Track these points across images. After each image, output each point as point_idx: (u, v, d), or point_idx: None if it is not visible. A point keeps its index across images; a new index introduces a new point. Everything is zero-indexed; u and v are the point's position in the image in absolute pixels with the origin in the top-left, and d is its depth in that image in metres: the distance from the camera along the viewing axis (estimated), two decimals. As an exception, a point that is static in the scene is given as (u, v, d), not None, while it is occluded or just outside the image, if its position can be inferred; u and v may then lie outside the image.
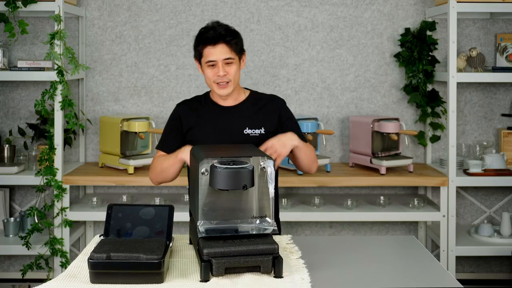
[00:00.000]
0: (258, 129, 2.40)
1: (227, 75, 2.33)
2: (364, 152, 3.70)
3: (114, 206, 1.93)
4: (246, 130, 2.40)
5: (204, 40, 2.33)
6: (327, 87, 3.98)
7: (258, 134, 2.39)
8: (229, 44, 2.32)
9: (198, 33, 2.39)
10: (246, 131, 2.40)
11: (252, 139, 2.38)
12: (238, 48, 2.36)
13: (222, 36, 2.31)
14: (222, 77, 2.33)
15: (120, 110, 3.98)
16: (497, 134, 4.01)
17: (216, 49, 2.31)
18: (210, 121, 2.43)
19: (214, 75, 2.34)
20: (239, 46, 2.37)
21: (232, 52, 2.33)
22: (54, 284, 1.70)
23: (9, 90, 3.97)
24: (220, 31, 2.32)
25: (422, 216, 3.62)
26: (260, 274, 1.76)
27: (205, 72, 2.37)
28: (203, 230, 1.80)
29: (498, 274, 4.01)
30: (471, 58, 3.76)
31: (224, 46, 2.31)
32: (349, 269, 1.90)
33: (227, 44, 2.31)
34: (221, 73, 2.32)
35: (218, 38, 2.30)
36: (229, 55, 2.32)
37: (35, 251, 3.49)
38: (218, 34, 2.31)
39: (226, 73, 2.33)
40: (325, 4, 3.96)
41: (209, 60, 2.32)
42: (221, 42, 2.31)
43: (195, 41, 2.38)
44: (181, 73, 3.97)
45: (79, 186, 3.93)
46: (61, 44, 3.44)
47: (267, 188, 1.84)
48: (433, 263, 1.94)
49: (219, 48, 2.31)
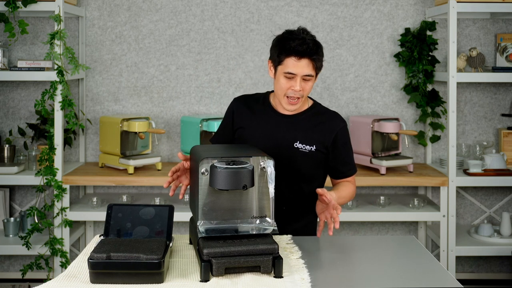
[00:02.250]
0: (309, 145, 2.29)
1: (302, 91, 2.21)
2: (364, 152, 3.70)
3: (114, 206, 1.92)
4: (296, 144, 2.29)
5: (290, 50, 2.18)
6: (327, 87, 3.98)
7: (308, 151, 2.28)
8: (314, 61, 2.19)
9: (282, 37, 2.24)
10: (296, 145, 2.28)
11: (301, 154, 2.28)
12: (319, 65, 2.23)
13: (309, 52, 2.18)
14: (297, 92, 2.21)
15: (120, 110, 3.98)
16: (497, 134, 4.01)
17: (300, 63, 2.18)
18: (261, 125, 2.32)
19: (288, 88, 2.21)
20: (321, 63, 2.24)
21: (313, 69, 2.21)
22: (54, 284, 1.70)
23: (9, 90, 3.97)
24: (309, 44, 2.18)
25: (422, 216, 3.62)
26: (260, 274, 1.76)
27: (279, 80, 2.23)
28: (203, 230, 1.80)
29: (498, 274, 4.01)
30: (471, 58, 3.76)
31: (309, 62, 2.18)
32: (349, 269, 1.90)
33: (312, 60, 2.19)
34: (298, 88, 2.20)
35: (305, 53, 2.17)
36: (311, 72, 2.20)
37: (35, 251, 3.49)
38: (306, 49, 2.17)
39: (302, 89, 2.21)
40: (325, 4, 3.96)
41: (289, 72, 2.19)
42: (307, 58, 2.18)
43: (278, 46, 2.23)
44: (181, 73, 3.97)
45: (79, 186, 3.93)
46: (61, 44, 3.44)
47: (267, 188, 1.84)
48: (433, 263, 1.94)
49: (304, 63, 2.18)
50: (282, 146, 2.28)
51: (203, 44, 3.96)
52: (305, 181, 2.33)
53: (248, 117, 2.36)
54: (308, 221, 2.40)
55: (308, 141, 2.29)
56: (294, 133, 2.30)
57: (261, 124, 2.33)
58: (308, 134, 2.30)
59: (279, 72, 2.23)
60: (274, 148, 2.24)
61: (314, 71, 2.21)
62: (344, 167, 2.37)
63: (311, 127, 2.31)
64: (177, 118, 3.97)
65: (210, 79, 3.97)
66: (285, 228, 2.30)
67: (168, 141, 3.99)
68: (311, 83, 2.23)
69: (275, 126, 2.31)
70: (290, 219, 2.34)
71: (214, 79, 3.97)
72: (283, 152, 2.26)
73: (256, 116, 2.35)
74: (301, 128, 2.31)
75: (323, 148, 2.31)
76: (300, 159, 2.29)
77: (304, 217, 2.38)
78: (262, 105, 2.37)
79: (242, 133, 2.35)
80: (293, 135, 2.29)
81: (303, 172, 2.31)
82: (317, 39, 2.25)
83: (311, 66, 2.19)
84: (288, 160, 2.27)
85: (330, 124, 2.33)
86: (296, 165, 2.29)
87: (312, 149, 2.29)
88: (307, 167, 2.30)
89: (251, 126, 2.34)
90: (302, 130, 2.30)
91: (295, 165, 2.29)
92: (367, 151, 3.67)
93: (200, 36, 3.96)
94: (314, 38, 2.22)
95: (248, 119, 2.36)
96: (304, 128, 2.30)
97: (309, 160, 2.29)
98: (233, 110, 2.40)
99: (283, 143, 2.29)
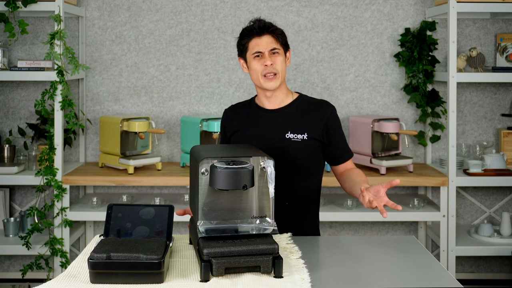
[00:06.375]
0: (300, 134, 2.32)
1: (274, 65, 2.29)
2: (364, 152, 3.70)
3: (114, 206, 1.92)
4: (288, 135, 2.33)
5: (250, 32, 2.31)
6: (327, 87, 3.98)
7: (300, 140, 2.32)
8: (275, 34, 2.31)
9: (241, 31, 2.37)
10: (288, 135, 2.32)
11: (293, 144, 2.32)
12: (284, 40, 2.34)
13: (267, 27, 2.30)
14: (269, 68, 2.28)
15: (120, 110, 3.98)
16: (497, 134, 4.01)
17: (262, 40, 2.29)
18: (252, 125, 2.38)
19: (261, 66, 2.29)
20: (284, 39, 2.35)
21: (277, 43, 2.31)
22: (54, 284, 1.70)
23: (9, 90, 3.97)
24: (264, 23, 2.32)
25: (422, 216, 3.62)
26: (260, 274, 1.76)
27: (251, 66, 2.33)
28: (203, 230, 1.80)
29: (498, 274, 4.01)
30: (471, 58, 3.76)
31: (270, 37, 2.30)
32: (349, 269, 1.90)
33: (272, 34, 2.30)
34: (268, 62, 2.28)
35: (263, 29, 2.30)
36: (275, 45, 2.30)
37: (35, 251, 3.49)
38: (263, 26, 2.30)
39: (273, 63, 2.29)
40: (325, 4, 3.96)
41: (255, 51, 2.29)
42: (267, 33, 2.30)
43: (240, 38, 2.36)
44: (181, 73, 3.97)
45: (79, 186, 3.93)
46: (61, 44, 3.44)
47: (267, 188, 1.84)
48: (433, 263, 1.94)
49: (265, 38, 2.29)
50: (274, 139, 2.32)
51: (203, 44, 3.96)
52: (302, 173, 2.34)
53: (238, 122, 2.42)
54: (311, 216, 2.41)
55: (298, 130, 2.33)
56: (284, 124, 2.34)
57: (251, 124, 2.39)
58: (298, 123, 2.34)
59: (249, 58, 2.32)
60: (267, 143, 2.29)
61: (279, 45, 2.31)
62: (340, 151, 2.40)
63: (300, 116, 2.36)
64: (177, 118, 3.97)
65: (210, 79, 3.97)
66: (289, 224, 2.32)
67: (168, 141, 3.99)
68: (281, 57, 2.31)
69: (265, 122, 2.37)
70: (293, 214, 2.35)
71: (214, 79, 3.97)
72: (276, 145, 2.30)
73: (246, 118, 2.41)
74: (289, 118, 2.35)
75: (316, 135, 2.34)
76: (294, 149, 2.31)
77: (306, 211, 2.39)
78: (249, 107, 2.44)
79: (237, 136, 2.41)
80: (283, 127, 2.34)
81: (299, 164, 2.32)
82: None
83: (274, 39, 2.30)
84: (283, 152, 2.31)
85: (319, 111, 2.37)
86: (291, 156, 2.31)
87: (304, 137, 2.32)
88: (302, 158, 2.32)
89: (244, 128, 2.40)
90: (291, 120, 2.35)
91: (290, 156, 2.31)
92: (367, 151, 3.67)
93: (200, 36, 3.96)
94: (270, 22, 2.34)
95: (239, 123, 2.42)
96: (292, 119, 2.35)
97: (303, 149, 2.31)
98: (224, 121, 2.49)
99: (275, 136, 2.33)
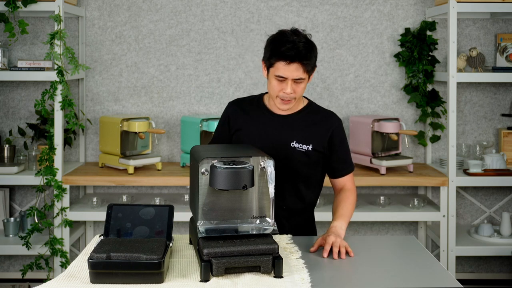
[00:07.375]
0: (305, 144, 2.29)
1: (294, 93, 2.22)
2: (364, 152, 3.70)
3: (114, 206, 1.92)
4: (293, 143, 2.29)
5: (280, 54, 2.17)
6: (327, 87, 3.98)
7: (305, 150, 2.29)
8: (304, 65, 2.17)
9: (274, 38, 2.23)
10: (293, 144, 2.29)
11: (298, 153, 2.29)
12: (311, 67, 2.21)
13: (299, 56, 2.16)
14: (288, 95, 2.21)
15: (120, 110, 3.98)
16: (497, 134, 4.01)
17: (289, 68, 2.17)
18: (258, 126, 2.33)
19: (280, 90, 2.22)
20: (312, 65, 2.22)
21: (304, 72, 2.19)
22: (54, 284, 1.70)
23: (9, 90, 3.97)
24: (299, 48, 2.16)
25: (422, 216, 3.62)
26: (260, 274, 1.76)
27: (271, 82, 2.24)
28: (203, 230, 1.80)
29: (498, 274, 4.01)
30: (471, 58, 3.76)
31: (299, 66, 2.17)
32: (349, 269, 1.90)
33: (302, 65, 2.17)
34: (289, 90, 2.20)
35: (295, 58, 2.15)
36: (302, 75, 2.19)
37: (35, 251, 3.49)
38: (296, 54, 2.15)
39: (293, 92, 2.21)
40: (325, 4, 3.96)
41: (279, 75, 2.19)
42: (297, 62, 2.16)
43: (269, 48, 2.22)
44: (181, 73, 3.97)
45: (79, 186, 3.93)
46: (61, 44, 3.44)
47: (267, 188, 1.84)
48: (433, 263, 1.94)
49: (293, 67, 2.17)
50: (279, 146, 2.29)
51: (203, 44, 3.96)
52: (302, 180, 2.34)
53: (243, 120, 2.37)
54: (307, 217, 2.42)
55: (304, 141, 2.30)
56: (291, 133, 2.31)
57: (257, 125, 2.34)
58: (304, 133, 2.31)
59: (271, 74, 2.23)
60: (271, 148, 2.25)
61: (305, 74, 2.20)
62: (341, 165, 2.38)
63: (307, 126, 2.32)
64: (177, 118, 3.97)
65: (210, 79, 3.97)
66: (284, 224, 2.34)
67: (168, 141, 3.99)
68: (303, 85, 2.23)
69: (271, 126, 2.32)
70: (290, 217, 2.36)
71: (214, 79, 3.97)
72: (280, 152, 2.27)
73: (252, 117, 2.36)
74: (297, 127, 2.32)
75: (320, 147, 2.32)
76: (297, 159, 2.30)
77: (303, 214, 2.40)
78: (257, 107, 2.38)
79: (239, 135, 2.37)
80: (289, 135, 2.31)
81: (301, 172, 2.32)
82: (311, 39, 2.24)
83: (302, 69, 2.18)
84: (286, 160, 2.28)
85: (325, 123, 2.34)
86: (294, 165, 2.30)
87: (309, 148, 2.30)
88: (304, 167, 2.32)
89: (247, 127, 2.35)
90: (298, 129, 2.32)
91: (292, 164, 2.30)
92: (367, 151, 3.67)
93: (200, 36, 3.95)
94: (305, 40, 2.20)
95: (244, 121, 2.37)
96: (300, 128, 2.32)
97: (306, 160, 2.30)
98: (228, 114, 2.41)
99: (280, 143, 2.30)
